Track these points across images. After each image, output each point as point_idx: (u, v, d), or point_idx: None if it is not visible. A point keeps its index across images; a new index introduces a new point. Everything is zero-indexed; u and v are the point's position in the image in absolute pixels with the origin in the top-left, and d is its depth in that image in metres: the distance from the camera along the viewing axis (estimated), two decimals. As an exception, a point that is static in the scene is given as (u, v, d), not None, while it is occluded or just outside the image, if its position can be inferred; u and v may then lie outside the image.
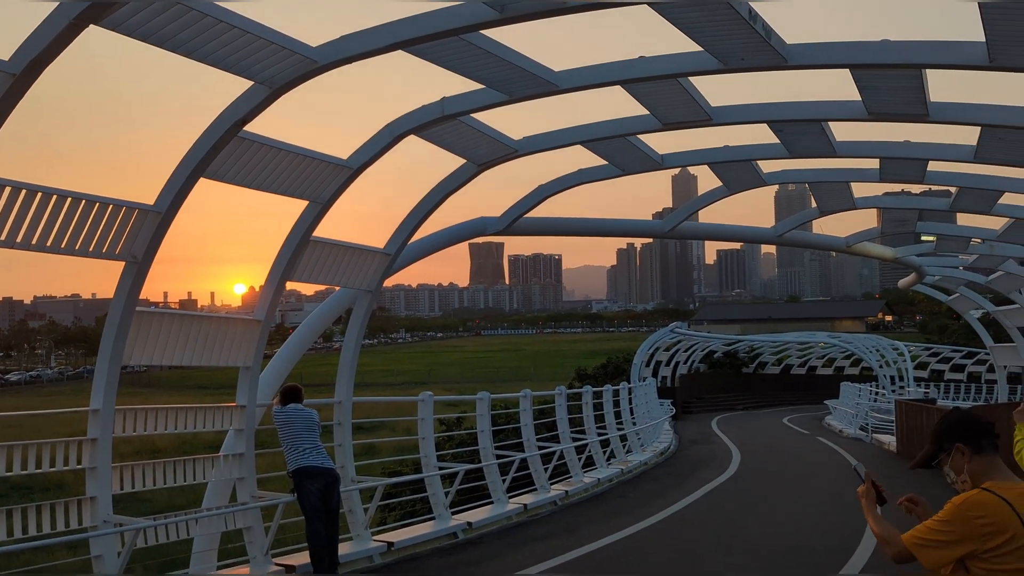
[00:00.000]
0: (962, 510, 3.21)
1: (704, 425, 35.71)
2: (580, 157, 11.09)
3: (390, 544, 10.21)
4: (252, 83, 7.39)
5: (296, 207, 9.50)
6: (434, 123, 9.04)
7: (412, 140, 9.42)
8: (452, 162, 10.58)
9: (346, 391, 10.99)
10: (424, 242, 12.13)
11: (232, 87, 7.51)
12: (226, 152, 7.97)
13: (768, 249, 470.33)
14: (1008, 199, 12.91)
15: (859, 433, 28.85)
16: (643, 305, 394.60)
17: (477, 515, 12.32)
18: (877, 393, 36.14)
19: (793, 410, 47.25)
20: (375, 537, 10.55)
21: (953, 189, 12.71)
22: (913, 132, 10.39)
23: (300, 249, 9.51)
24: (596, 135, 9.99)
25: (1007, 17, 6.31)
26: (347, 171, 9.20)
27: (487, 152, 10.10)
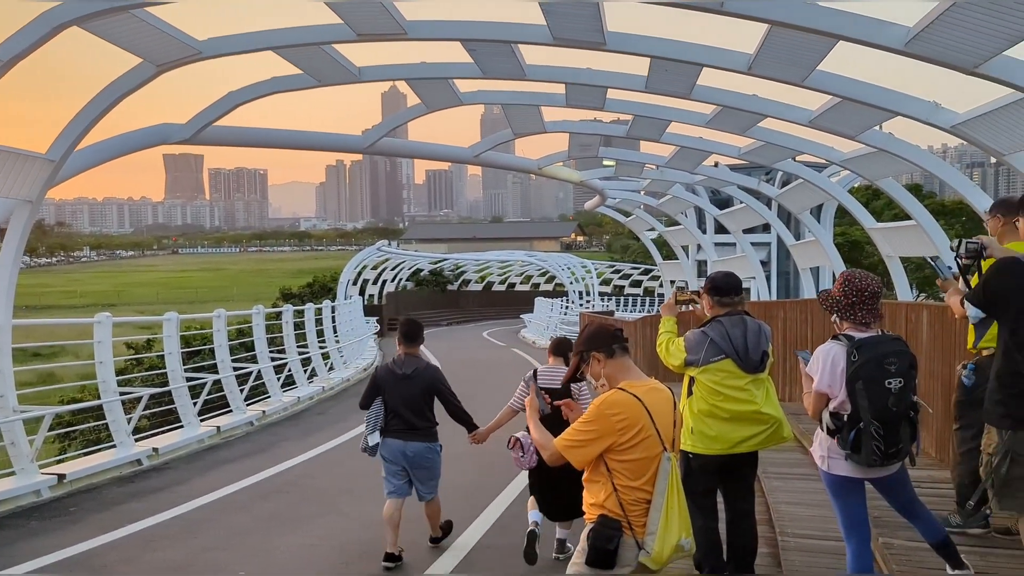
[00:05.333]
0: (601, 409, 3.55)
1: (408, 341, 36.53)
2: (279, 66, 10.60)
3: (61, 476, 9.42)
4: None
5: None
6: (102, 14, 8.10)
7: (87, 36, 8.43)
8: (128, 61, 9.62)
9: (4, 313, 9.81)
10: (96, 148, 10.98)
11: None
12: None
13: (475, 171, 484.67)
14: (675, 128, 14.25)
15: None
16: (353, 224, 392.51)
17: (165, 440, 11.73)
18: (566, 307, 39.05)
19: (494, 324, 49.83)
20: (44, 470, 9.66)
21: (629, 117, 13.78)
22: (595, 61, 11.05)
23: (-63, 151, 8.22)
24: (288, 42, 9.51)
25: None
26: (-6, 62, 8.02)
27: (166, 52, 9.26)
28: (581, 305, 44.83)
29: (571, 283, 52.84)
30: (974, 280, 4.43)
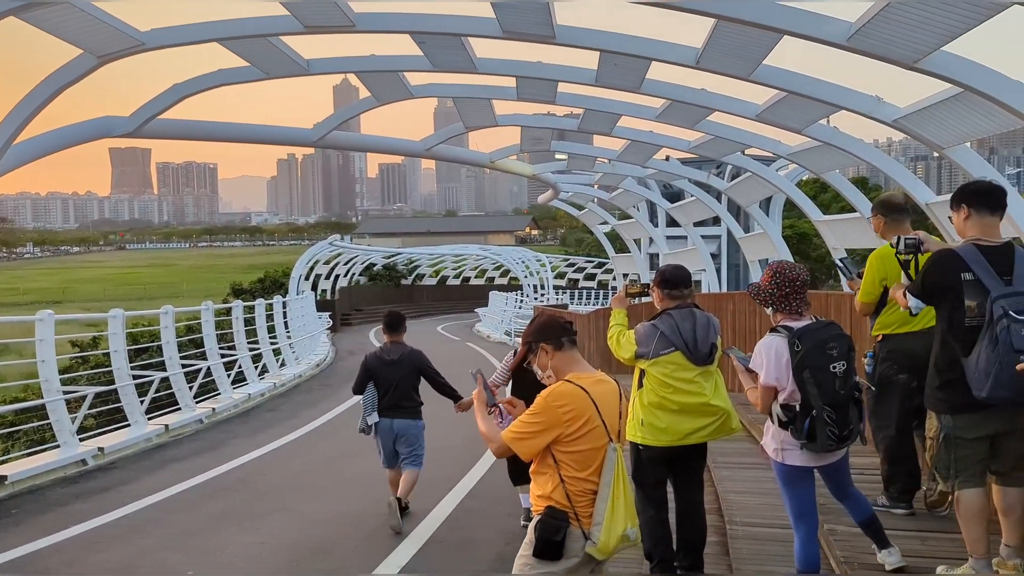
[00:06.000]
0: (548, 401, 3.56)
1: (362, 336, 36.34)
2: (226, 59, 10.42)
3: (3, 478, 9.18)
4: None
5: None
6: (40, 5, 7.89)
7: (25, 27, 8.20)
8: (69, 52, 9.38)
9: (-60, 312, 9.51)
10: (37, 142, 10.65)
11: None
12: None
13: (428, 164, 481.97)
14: (625, 122, 14.31)
15: (504, 337, 31.12)
16: (305, 218, 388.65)
17: (111, 439, 11.51)
18: (521, 301, 39.09)
19: (448, 318, 49.73)
20: (-16, 473, 9.42)
21: (580, 111, 13.80)
22: (546, 54, 11.07)
23: None
24: (234, 33, 9.33)
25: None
26: (-74, 53, 7.76)
27: (108, 43, 9.02)
28: (536, 299, 44.95)
29: (525, 277, 52.91)
30: (913, 273, 4.54)
